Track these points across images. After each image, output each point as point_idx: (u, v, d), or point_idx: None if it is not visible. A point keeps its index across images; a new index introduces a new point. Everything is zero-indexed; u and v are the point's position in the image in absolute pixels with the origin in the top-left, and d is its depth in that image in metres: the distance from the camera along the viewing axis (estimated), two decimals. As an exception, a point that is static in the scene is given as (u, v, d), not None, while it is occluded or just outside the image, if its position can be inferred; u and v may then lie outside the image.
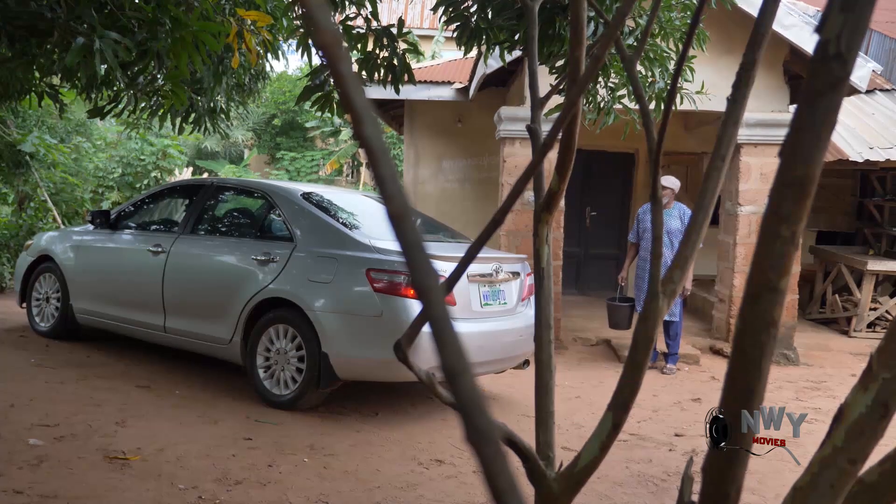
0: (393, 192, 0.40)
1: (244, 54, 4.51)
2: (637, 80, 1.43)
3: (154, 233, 6.88)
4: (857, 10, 0.93)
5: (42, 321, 7.51)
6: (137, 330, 6.71)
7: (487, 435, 0.38)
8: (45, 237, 7.83)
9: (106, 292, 6.92)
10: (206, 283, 6.16)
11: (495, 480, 0.37)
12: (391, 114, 13.09)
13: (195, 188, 7.03)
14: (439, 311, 0.39)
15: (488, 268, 5.84)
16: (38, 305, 7.56)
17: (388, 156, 0.39)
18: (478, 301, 5.70)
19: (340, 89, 0.41)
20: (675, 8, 4.51)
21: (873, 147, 9.40)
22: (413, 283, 0.39)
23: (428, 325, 0.42)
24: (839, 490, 1.24)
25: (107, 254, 7.05)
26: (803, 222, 0.99)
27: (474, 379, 0.40)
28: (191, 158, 20.46)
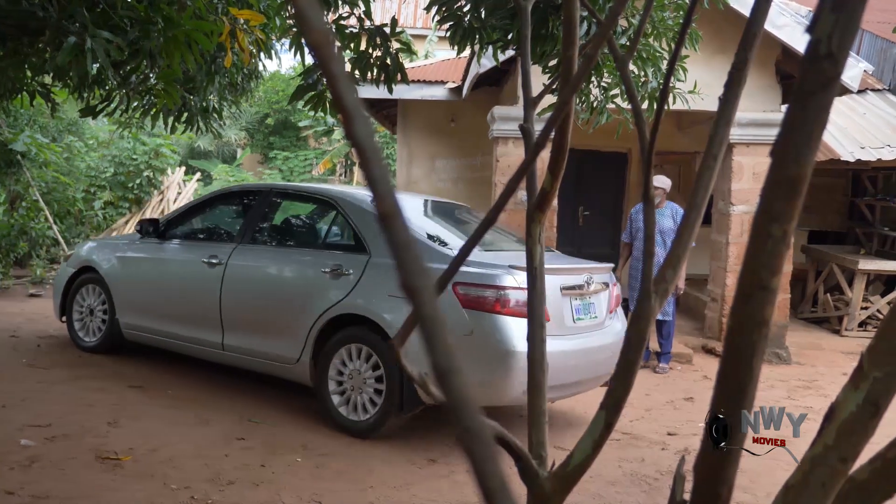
0: (384, 192, 0.40)
1: (237, 53, 4.50)
2: (630, 79, 1.43)
3: (208, 243, 6.44)
4: (848, 9, 0.93)
5: (87, 336, 7.06)
6: (191, 347, 6.25)
7: (478, 435, 0.38)
8: (87, 247, 7.39)
9: (156, 307, 6.48)
10: (269, 298, 5.68)
11: (486, 480, 0.37)
12: (384, 113, 13.08)
13: (251, 194, 6.58)
14: (430, 310, 0.39)
15: (580, 279, 5.41)
16: (82, 319, 7.11)
17: (379, 155, 0.39)
18: (570, 316, 5.26)
19: (331, 89, 0.41)
20: (667, 7, 4.52)
21: (865, 147, 9.44)
22: (402, 283, 0.39)
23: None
24: (830, 488, 1.24)
25: (156, 265, 6.61)
26: (794, 221, 0.99)
27: (464, 378, 0.40)
28: (183, 158, 20.41)
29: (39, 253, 12.17)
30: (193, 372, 6.51)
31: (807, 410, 6.13)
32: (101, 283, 6.90)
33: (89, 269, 7.05)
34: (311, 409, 5.65)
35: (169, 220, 6.77)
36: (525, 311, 4.54)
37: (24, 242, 11.83)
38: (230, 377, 6.37)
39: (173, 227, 6.72)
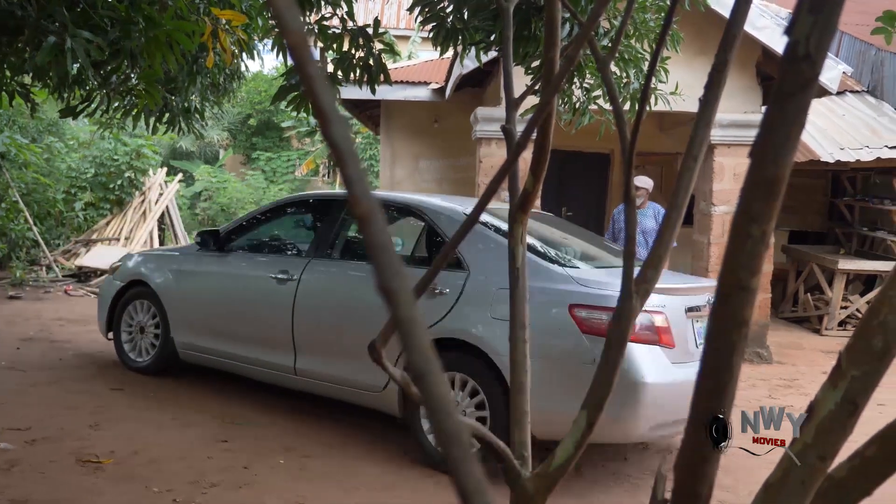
0: (361, 193, 0.40)
1: (219, 54, 4.48)
2: (611, 80, 1.44)
3: (276, 256, 5.94)
4: (825, 11, 0.94)
5: (138, 355, 6.53)
6: (258, 371, 5.73)
7: (455, 436, 0.38)
8: (136, 259, 6.84)
9: (217, 326, 5.98)
10: (350, 319, 5.13)
11: (463, 481, 0.37)
12: (367, 114, 13.06)
13: (325, 204, 6.02)
14: (407, 313, 0.39)
15: (702, 299, 4.94)
16: (131, 338, 6.60)
17: (355, 156, 0.39)
18: (693, 340, 4.76)
19: (308, 90, 0.41)
20: (649, 9, 4.54)
21: (844, 148, 9.53)
22: (379, 286, 0.39)
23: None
24: (809, 486, 1.26)
25: (218, 280, 6.06)
26: (773, 222, 1.00)
27: (442, 379, 0.40)
28: (165, 158, 20.29)
29: (19, 255, 12.06)
30: (176, 374, 6.47)
31: (788, 409, 6.17)
32: (154, 298, 6.38)
33: (139, 283, 6.54)
34: (294, 411, 5.63)
35: (230, 231, 6.25)
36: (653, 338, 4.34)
37: (4, 244, 11.72)
38: (212, 379, 6.34)
39: (235, 238, 6.21)
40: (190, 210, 20.85)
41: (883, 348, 1.26)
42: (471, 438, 0.37)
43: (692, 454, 1.07)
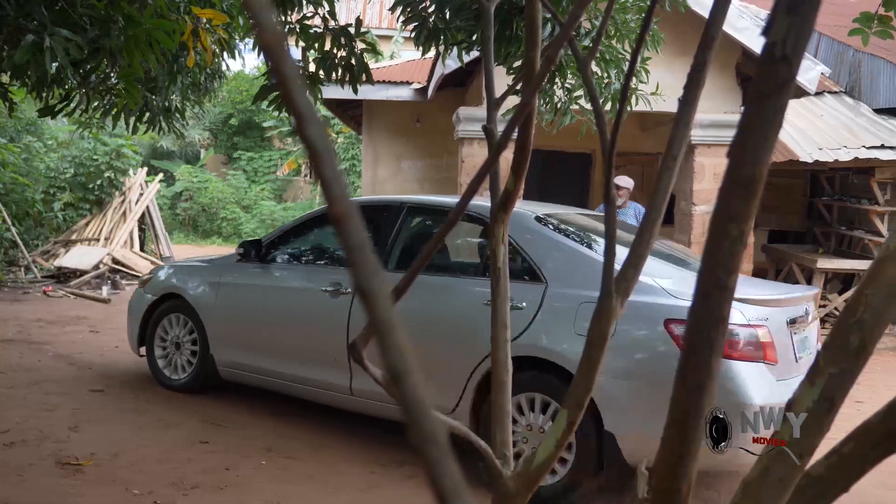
0: (337, 194, 0.40)
1: (200, 53, 4.45)
2: (591, 81, 1.44)
3: (327, 267, 5.50)
4: (802, 13, 0.95)
5: (173, 373, 6.14)
6: (308, 390, 5.36)
7: (432, 435, 0.38)
8: (169, 270, 6.46)
9: (261, 342, 5.58)
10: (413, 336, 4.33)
11: (440, 481, 0.37)
12: (350, 114, 13.04)
13: (378, 210, 5.51)
14: (383, 313, 0.39)
15: (801, 310, 4.58)
16: (166, 354, 6.21)
17: (332, 157, 0.39)
18: (794, 352, 4.35)
19: (283, 90, 0.41)
20: (630, 10, 4.56)
21: (822, 148, 9.62)
22: (356, 286, 0.39)
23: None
24: (787, 484, 1.27)
25: (262, 294, 5.66)
26: (751, 221, 1.01)
27: (419, 380, 0.40)
28: (145, 158, 20.14)
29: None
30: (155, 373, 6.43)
31: (768, 407, 6.22)
32: (191, 312, 6.01)
33: (174, 296, 6.17)
34: (276, 412, 5.61)
35: (272, 241, 5.83)
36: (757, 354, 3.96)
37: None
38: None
39: (278, 248, 5.82)
40: (171, 210, 20.73)
41: (859, 346, 1.27)
42: (448, 438, 0.37)
43: (671, 453, 1.08)
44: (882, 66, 10.68)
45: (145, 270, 12.75)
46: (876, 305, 1.29)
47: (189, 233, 20.59)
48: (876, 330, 1.31)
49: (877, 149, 9.38)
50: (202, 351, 5.94)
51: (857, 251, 10.37)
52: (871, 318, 1.28)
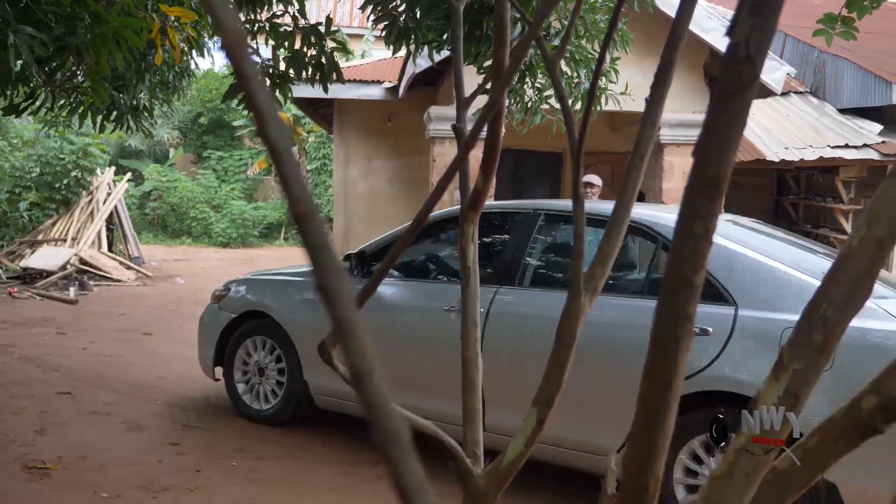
0: (298, 193, 0.40)
1: (168, 51, 4.41)
2: (559, 80, 1.45)
3: (447, 283, 4.89)
4: (765, 14, 0.96)
5: (257, 401, 5.49)
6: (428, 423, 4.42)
7: (395, 435, 0.38)
8: (249, 285, 5.76)
9: None
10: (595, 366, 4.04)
11: (402, 480, 0.37)
12: (321, 113, 12.99)
13: (507, 217, 4.89)
14: (345, 313, 0.39)
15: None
16: (247, 379, 5.55)
17: (292, 156, 0.39)
18: None
19: (244, 88, 0.40)
20: (599, 10, 4.59)
21: (788, 147, 9.75)
22: (318, 285, 0.39)
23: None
24: (753, 478, 1.28)
25: (371, 313, 4.81)
26: (717, 219, 1.02)
27: (381, 379, 0.40)
28: (113, 157, 19.88)
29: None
30: (126, 378, 6.36)
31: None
32: (277, 333, 5.38)
33: (257, 315, 5.52)
34: (245, 415, 5.57)
35: (379, 251, 5.15)
36: None
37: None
38: (161, 381, 6.24)
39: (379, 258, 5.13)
40: (139, 210, 20.50)
41: (822, 342, 1.29)
42: (411, 437, 0.37)
43: (639, 450, 1.09)
44: (846, 67, 10.86)
45: (114, 271, 12.61)
46: (839, 302, 1.31)
47: (158, 233, 20.37)
48: (839, 326, 1.33)
49: (841, 148, 9.53)
50: (293, 376, 5.29)
51: (823, 249, 10.53)
52: (834, 314, 1.30)
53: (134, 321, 9.22)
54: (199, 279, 13.22)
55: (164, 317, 9.66)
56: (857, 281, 1.33)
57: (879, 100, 10.00)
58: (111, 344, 7.77)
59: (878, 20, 8.42)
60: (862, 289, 1.34)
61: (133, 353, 7.43)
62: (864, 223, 1.34)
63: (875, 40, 11.23)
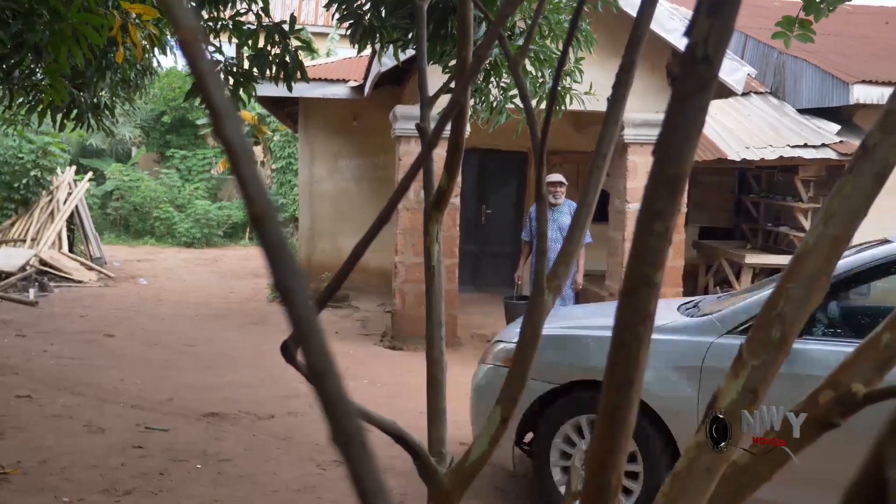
0: (255, 193, 0.40)
1: (129, 49, 4.34)
2: (522, 80, 1.46)
3: None
4: (722, 14, 0.97)
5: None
6: None
7: (353, 435, 0.38)
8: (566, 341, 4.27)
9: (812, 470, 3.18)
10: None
11: (362, 481, 0.37)
12: (286, 111, 12.88)
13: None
14: (304, 311, 0.38)
15: None
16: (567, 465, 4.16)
17: (249, 155, 0.39)
18: None
19: (200, 87, 0.40)
20: (563, 10, 4.61)
21: (749, 147, 9.88)
22: (276, 284, 0.39)
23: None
24: (713, 473, 1.30)
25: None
26: (676, 217, 1.03)
27: (341, 380, 0.40)
28: (74, 156, 19.53)
29: (-85, 257, 11.44)
30: (88, 380, 6.26)
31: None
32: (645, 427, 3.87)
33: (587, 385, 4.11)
34: (211, 415, 5.52)
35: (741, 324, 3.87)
36: None
37: None
38: (124, 383, 6.15)
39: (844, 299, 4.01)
40: (101, 210, 20.17)
41: (780, 339, 1.32)
42: (368, 438, 0.37)
43: (601, 447, 1.10)
44: (805, 68, 11.04)
45: (74, 272, 12.40)
46: (796, 299, 1.34)
47: (121, 233, 20.06)
48: (796, 322, 1.36)
49: (800, 148, 9.69)
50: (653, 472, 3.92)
51: (783, 246, 10.70)
52: (791, 311, 1.33)
53: (96, 322, 9.08)
54: (162, 279, 13.05)
55: (126, 318, 9.52)
56: (813, 278, 1.36)
57: (837, 100, 10.18)
58: (72, 346, 7.65)
59: (836, 23, 8.58)
60: (818, 285, 1.37)
61: (95, 355, 7.31)
62: (821, 221, 1.37)
63: (833, 42, 11.44)
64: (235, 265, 15.25)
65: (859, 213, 1.35)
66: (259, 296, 11.56)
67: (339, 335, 8.83)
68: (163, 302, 10.84)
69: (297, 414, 5.62)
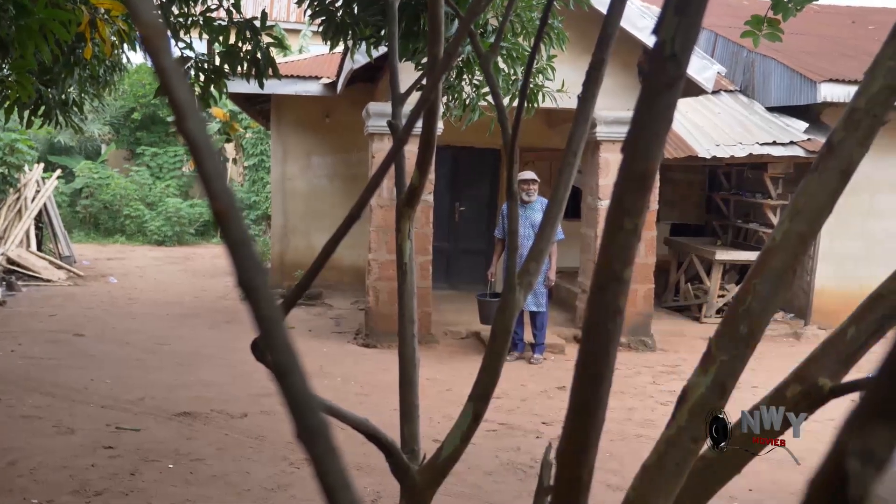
0: (218, 190, 0.39)
1: (98, 44, 4.29)
2: (492, 77, 1.46)
3: None
4: (690, 13, 0.98)
5: None
6: None
7: (318, 431, 0.38)
8: None
9: None
10: None
11: (326, 477, 0.37)
12: (258, 108, 12.79)
13: None
14: (268, 309, 0.38)
15: None
16: None
17: (212, 152, 0.39)
18: None
19: (162, 82, 0.40)
20: (536, 8, 4.63)
21: (719, 144, 9.98)
22: (239, 282, 0.39)
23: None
24: (683, 467, 1.32)
25: None
26: (645, 214, 1.04)
27: (305, 377, 0.40)
28: (42, 154, 19.23)
29: None
30: (57, 380, 6.18)
31: (671, 394, 6.45)
32: None
33: None
34: (182, 415, 5.47)
35: None
36: None
37: None
38: (94, 382, 6.08)
39: None
40: (70, 208, 19.90)
41: (748, 334, 1.34)
42: (334, 434, 0.37)
43: (572, 442, 1.11)
44: (774, 67, 11.17)
45: (43, 271, 12.22)
46: (763, 294, 1.35)
47: (90, 231, 19.80)
48: (763, 317, 1.38)
49: (769, 145, 9.81)
50: None
51: (753, 243, 10.82)
52: (758, 306, 1.35)
53: (65, 322, 8.96)
54: (132, 278, 12.91)
55: (96, 317, 9.40)
56: (780, 274, 1.38)
57: (805, 98, 10.30)
58: (41, 345, 7.54)
59: (804, 22, 8.68)
60: (785, 281, 1.39)
61: (64, 355, 7.21)
62: (787, 218, 1.39)
63: (801, 41, 11.58)
64: (207, 263, 15.12)
65: (825, 210, 1.37)
66: (231, 294, 11.48)
67: (313, 333, 8.79)
68: (134, 301, 10.72)
69: (269, 412, 5.59)
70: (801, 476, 0.72)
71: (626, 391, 6.75)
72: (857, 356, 1.46)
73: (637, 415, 6.08)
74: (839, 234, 9.80)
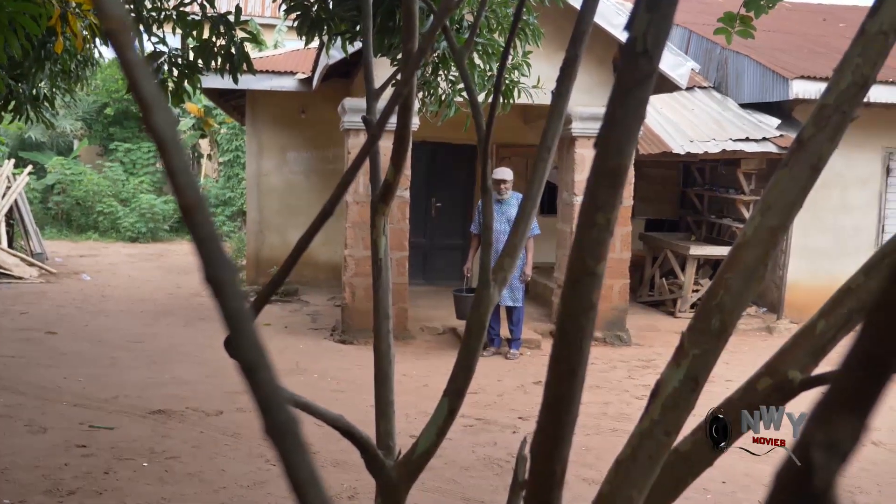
0: (184, 184, 0.39)
1: (69, 39, 4.23)
2: (466, 72, 1.46)
3: None
4: (661, 9, 0.99)
5: None
6: None
7: (286, 428, 0.38)
8: None
9: None
10: None
11: (294, 472, 0.37)
12: (233, 104, 12.69)
13: None
14: (236, 304, 0.38)
15: None
16: None
17: (179, 146, 0.38)
18: None
19: (128, 78, 0.39)
20: (511, 4, 4.64)
21: (693, 140, 10.06)
22: (207, 276, 0.39)
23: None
24: (657, 460, 1.33)
25: None
26: (618, 210, 1.05)
27: (273, 373, 0.40)
28: (13, 149, 18.98)
29: None
30: (28, 378, 6.10)
31: (645, 388, 6.50)
32: None
33: None
34: (157, 413, 5.43)
35: None
36: None
37: None
38: (66, 381, 6.01)
39: None
40: (42, 204, 19.64)
41: (720, 328, 1.35)
42: (303, 431, 0.37)
43: (546, 437, 1.11)
44: (746, 64, 11.26)
45: (14, 268, 12.06)
46: (735, 289, 1.37)
47: (62, 228, 19.56)
48: (735, 312, 1.39)
49: (742, 141, 9.90)
50: None
51: (726, 238, 10.93)
52: (730, 300, 1.36)
53: (37, 320, 8.85)
54: (106, 275, 12.77)
55: (69, 315, 9.30)
56: (751, 268, 1.39)
57: (777, 95, 10.40)
58: (12, 344, 7.44)
59: (776, 19, 8.76)
60: (756, 275, 1.41)
61: (36, 353, 7.13)
62: (758, 213, 1.40)
63: (773, 38, 11.69)
64: (181, 260, 14.99)
65: (795, 205, 1.39)
66: (206, 291, 11.38)
67: (289, 329, 8.76)
68: (107, 298, 10.61)
69: (245, 410, 5.56)
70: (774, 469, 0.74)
71: (601, 385, 6.79)
72: (827, 349, 1.47)
73: (612, 409, 6.12)
74: (811, 230, 9.92)
